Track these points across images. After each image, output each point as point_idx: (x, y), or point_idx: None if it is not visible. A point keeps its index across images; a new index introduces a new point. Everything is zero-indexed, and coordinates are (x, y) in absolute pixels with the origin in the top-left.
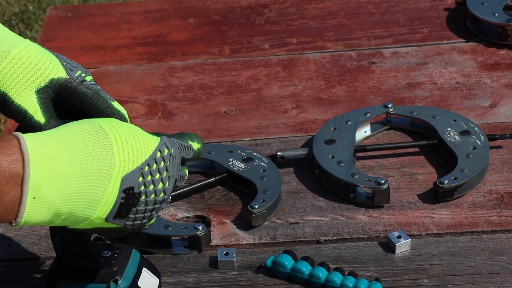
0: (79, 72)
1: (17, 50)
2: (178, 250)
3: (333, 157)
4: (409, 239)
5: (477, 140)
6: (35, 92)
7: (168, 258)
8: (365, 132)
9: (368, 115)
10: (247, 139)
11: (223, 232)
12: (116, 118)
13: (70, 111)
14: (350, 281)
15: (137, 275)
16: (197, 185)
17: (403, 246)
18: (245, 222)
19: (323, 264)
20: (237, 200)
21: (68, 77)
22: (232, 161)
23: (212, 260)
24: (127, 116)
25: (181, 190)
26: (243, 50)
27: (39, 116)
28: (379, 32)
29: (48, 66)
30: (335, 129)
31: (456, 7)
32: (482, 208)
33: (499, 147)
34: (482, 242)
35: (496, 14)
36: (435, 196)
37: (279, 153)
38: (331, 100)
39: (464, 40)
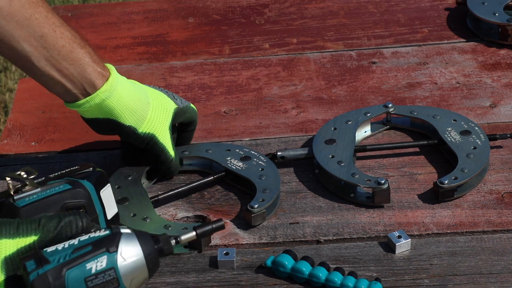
0: (178, 98)
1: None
2: (178, 250)
3: (333, 157)
4: (409, 239)
5: (477, 140)
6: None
7: (168, 258)
8: (365, 132)
9: (368, 115)
10: (247, 139)
11: (223, 232)
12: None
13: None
14: (350, 281)
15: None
16: (196, 183)
17: (403, 246)
18: (245, 222)
19: (323, 264)
20: (237, 200)
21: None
22: (230, 160)
23: (212, 260)
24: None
25: (180, 189)
26: (243, 50)
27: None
28: (379, 32)
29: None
30: (335, 129)
31: (457, 7)
32: (483, 208)
33: (500, 147)
34: (483, 242)
35: (497, 14)
36: (435, 196)
37: (279, 153)
38: (331, 100)
39: (465, 40)
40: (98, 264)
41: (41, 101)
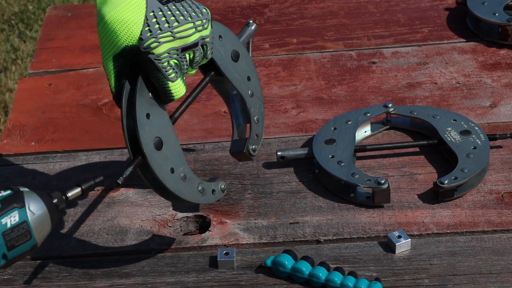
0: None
1: None
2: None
3: (333, 157)
4: (409, 239)
5: (477, 140)
6: None
7: (168, 258)
8: (365, 132)
9: (368, 115)
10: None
11: (223, 232)
12: None
13: None
14: (350, 281)
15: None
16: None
17: (403, 246)
18: (245, 222)
19: (323, 264)
20: (237, 200)
21: None
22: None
23: (212, 260)
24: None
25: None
26: None
27: None
28: (379, 32)
29: None
30: (335, 129)
31: (457, 7)
32: (483, 208)
33: (500, 147)
34: (482, 242)
35: (497, 14)
36: (435, 196)
37: (279, 153)
38: (331, 100)
39: (465, 40)
40: (12, 219)
41: (41, 101)
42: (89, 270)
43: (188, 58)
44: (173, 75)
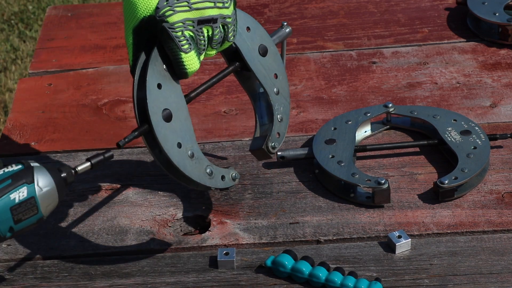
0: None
1: None
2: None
3: (333, 157)
4: (409, 239)
5: (477, 140)
6: None
7: (168, 258)
8: (365, 132)
9: (369, 114)
10: (247, 139)
11: (223, 232)
12: None
13: None
14: (350, 281)
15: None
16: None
17: (403, 246)
18: (245, 222)
19: (323, 264)
20: (237, 200)
21: None
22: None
23: (212, 260)
24: None
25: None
26: None
27: None
28: (379, 31)
29: None
30: (335, 129)
31: (457, 7)
32: (483, 208)
33: (500, 147)
34: (483, 242)
35: (497, 14)
36: (436, 196)
37: (279, 153)
38: (331, 100)
39: (465, 40)
40: (20, 194)
41: (41, 101)
42: (89, 270)
43: (206, 35)
44: (186, 46)
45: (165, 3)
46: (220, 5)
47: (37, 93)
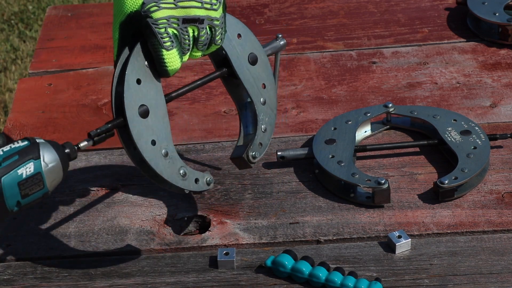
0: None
1: None
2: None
3: (333, 157)
4: (409, 239)
5: (477, 140)
6: None
7: (168, 258)
8: (365, 132)
9: (369, 114)
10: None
11: (223, 232)
12: None
13: None
14: (350, 281)
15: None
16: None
17: (403, 246)
18: (245, 222)
19: (323, 264)
20: (237, 200)
21: None
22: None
23: (212, 260)
24: None
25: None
26: None
27: None
28: (379, 31)
29: None
30: (335, 129)
31: (457, 7)
32: (483, 208)
33: (500, 147)
34: (483, 242)
35: (497, 14)
36: (436, 196)
37: (279, 153)
38: (331, 100)
39: (465, 40)
40: (27, 170)
41: (41, 101)
42: (89, 270)
43: (191, 35)
44: (168, 43)
45: None
46: (208, 6)
47: (37, 93)
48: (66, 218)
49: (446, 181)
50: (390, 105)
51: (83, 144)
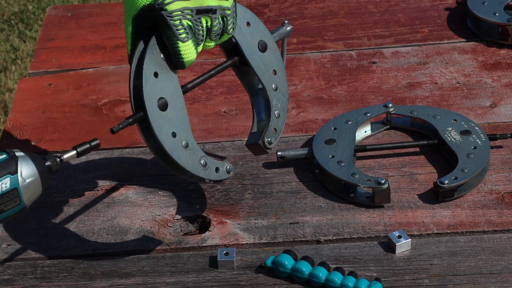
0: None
1: None
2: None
3: (333, 157)
4: (410, 239)
5: (477, 140)
6: None
7: (168, 258)
8: (365, 132)
9: (369, 114)
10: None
11: (223, 232)
12: None
13: None
14: (350, 281)
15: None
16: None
17: (403, 246)
18: (245, 222)
19: (323, 264)
20: (237, 200)
21: None
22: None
23: (212, 260)
24: None
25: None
26: None
27: None
28: (379, 31)
29: None
30: (335, 129)
31: (457, 7)
32: (483, 208)
33: (500, 147)
34: (483, 242)
35: (497, 14)
36: (436, 196)
37: (279, 153)
38: (331, 100)
39: (465, 40)
40: (3, 185)
41: (41, 101)
42: (89, 270)
43: (205, 25)
44: (184, 35)
45: None
46: None
47: (37, 93)
48: (66, 218)
49: (446, 181)
50: (390, 105)
51: (66, 155)
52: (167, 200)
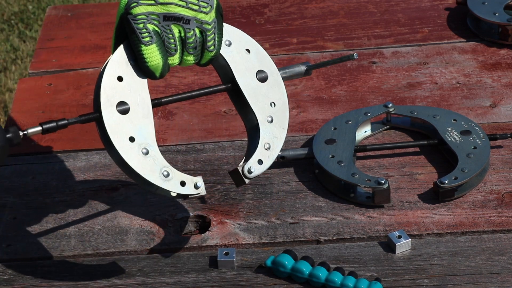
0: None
1: None
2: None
3: (333, 157)
4: (410, 239)
5: (477, 140)
6: None
7: (168, 258)
8: (366, 132)
9: (369, 114)
10: (247, 139)
11: (223, 232)
12: None
13: None
14: (350, 281)
15: None
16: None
17: (403, 246)
18: (245, 222)
19: (323, 264)
20: (237, 200)
21: None
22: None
23: (212, 260)
24: None
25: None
26: None
27: None
28: (379, 31)
29: None
30: (335, 129)
31: (457, 7)
32: (483, 208)
33: (500, 146)
34: (483, 242)
35: (497, 14)
36: (436, 196)
37: (279, 153)
38: (331, 100)
39: (465, 40)
40: None
41: (41, 101)
42: (89, 270)
43: (177, 35)
44: (147, 38)
45: None
46: (195, 8)
47: (37, 93)
48: (66, 218)
49: (446, 181)
50: (390, 105)
51: (31, 130)
52: (167, 200)
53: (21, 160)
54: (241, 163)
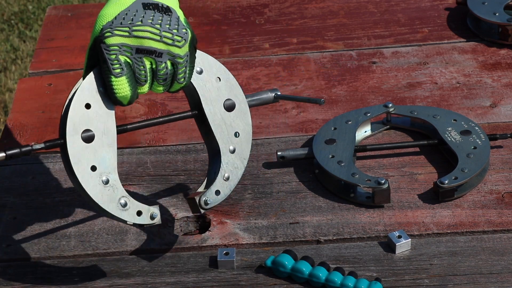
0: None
1: None
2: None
3: (333, 157)
4: (410, 239)
5: (477, 140)
6: None
7: (168, 258)
8: (365, 131)
9: (369, 114)
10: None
11: (223, 232)
12: None
13: None
14: (350, 281)
15: None
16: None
17: (403, 246)
18: (245, 222)
19: (323, 264)
20: (237, 200)
21: None
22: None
23: (212, 260)
24: None
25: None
26: (243, 49)
27: None
28: (379, 31)
29: None
30: (335, 129)
31: (457, 7)
32: (483, 208)
33: (500, 146)
34: (483, 242)
35: (497, 14)
36: (436, 196)
37: (279, 153)
38: (331, 100)
39: (465, 40)
40: None
41: (41, 101)
42: (89, 270)
43: (148, 66)
44: (118, 70)
45: (109, 25)
46: (169, 42)
47: (37, 93)
48: (66, 218)
49: (446, 181)
50: (390, 105)
51: None
52: (167, 200)
53: (21, 160)
54: (200, 188)
